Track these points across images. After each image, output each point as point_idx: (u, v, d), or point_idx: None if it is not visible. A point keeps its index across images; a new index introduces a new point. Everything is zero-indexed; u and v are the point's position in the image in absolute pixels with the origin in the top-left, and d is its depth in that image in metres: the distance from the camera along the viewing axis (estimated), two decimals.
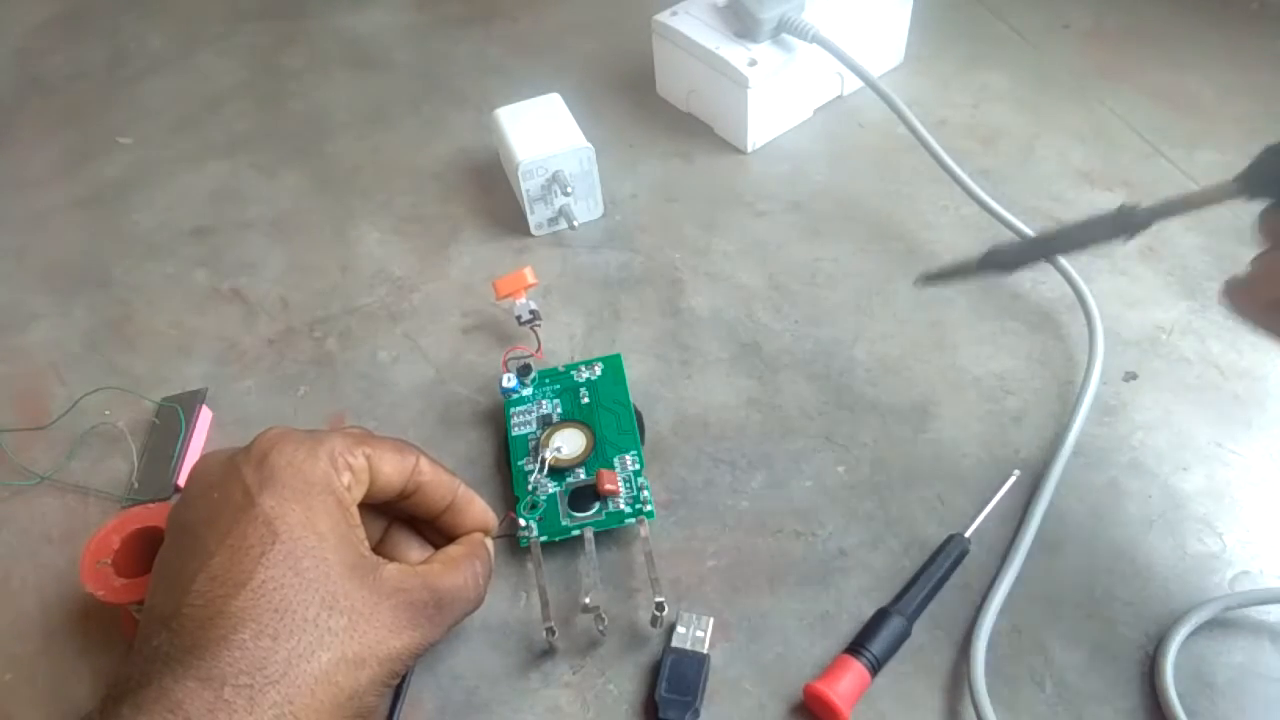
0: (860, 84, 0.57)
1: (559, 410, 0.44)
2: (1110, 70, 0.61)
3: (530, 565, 0.40)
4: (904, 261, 0.51)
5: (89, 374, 0.50)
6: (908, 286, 0.50)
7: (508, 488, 0.43)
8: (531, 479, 0.42)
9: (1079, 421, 0.42)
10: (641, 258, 0.53)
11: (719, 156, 0.58)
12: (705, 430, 0.45)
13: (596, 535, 0.40)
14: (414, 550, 0.38)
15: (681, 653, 0.37)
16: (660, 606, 0.37)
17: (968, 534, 0.39)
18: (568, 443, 0.43)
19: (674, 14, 0.58)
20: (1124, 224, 0.33)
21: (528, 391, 0.45)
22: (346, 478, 0.33)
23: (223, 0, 0.77)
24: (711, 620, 0.37)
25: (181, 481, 0.44)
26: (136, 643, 0.30)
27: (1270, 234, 0.31)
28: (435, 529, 0.38)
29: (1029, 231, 0.49)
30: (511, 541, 0.41)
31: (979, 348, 0.47)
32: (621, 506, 0.40)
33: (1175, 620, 0.36)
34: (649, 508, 0.40)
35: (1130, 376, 0.45)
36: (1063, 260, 0.48)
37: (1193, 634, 0.36)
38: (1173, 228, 0.51)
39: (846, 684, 0.35)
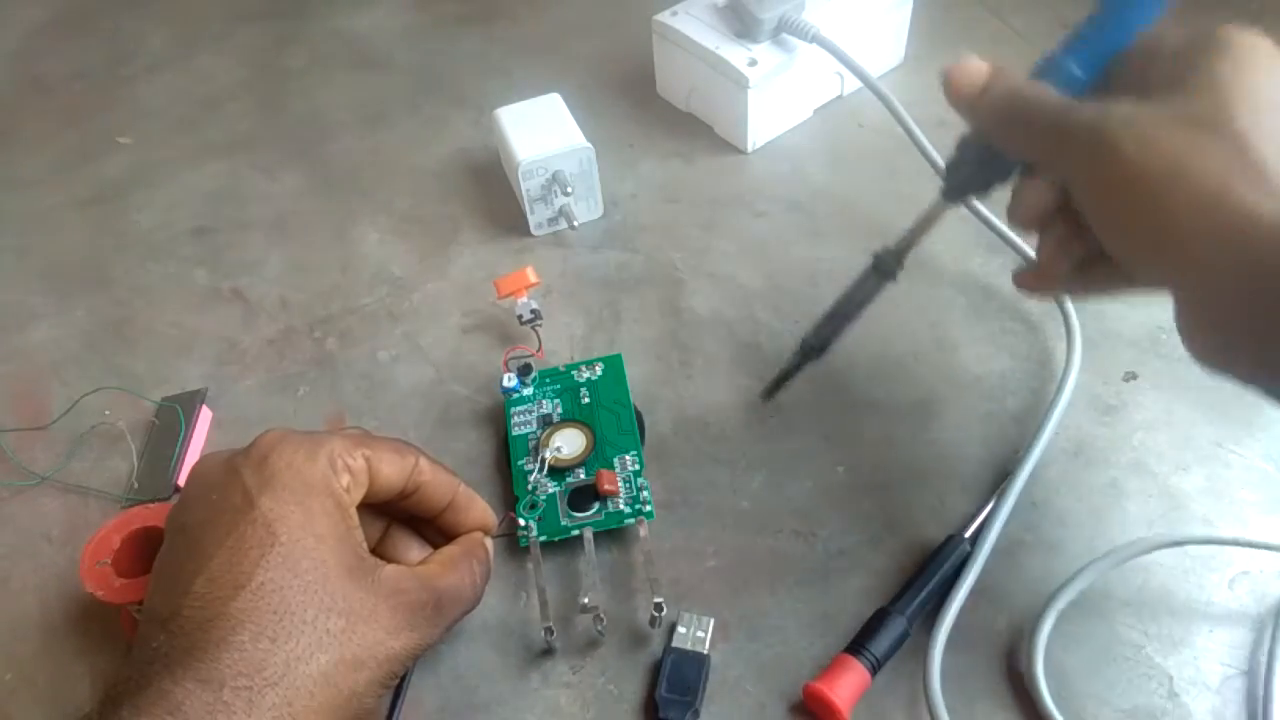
0: (860, 84, 0.57)
1: (559, 410, 0.44)
2: None
3: (530, 565, 0.40)
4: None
5: (89, 374, 0.50)
6: (908, 286, 0.49)
7: (508, 488, 0.43)
8: (531, 479, 0.42)
9: (1056, 415, 0.42)
10: (641, 258, 0.53)
11: (719, 156, 0.58)
12: (705, 430, 0.45)
13: (596, 535, 0.40)
14: (414, 550, 0.38)
15: (681, 653, 0.37)
16: (659, 607, 0.37)
17: (967, 534, 0.39)
18: (568, 443, 0.43)
19: (674, 14, 0.58)
20: (883, 270, 0.36)
21: (528, 391, 0.45)
22: (345, 479, 0.33)
23: (223, 0, 0.77)
24: (712, 620, 0.37)
25: (182, 481, 0.44)
26: (135, 644, 0.30)
27: (1025, 220, 0.32)
28: (435, 529, 0.38)
29: (1021, 242, 0.49)
30: (511, 541, 0.41)
31: (979, 348, 0.47)
32: (621, 506, 0.40)
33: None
34: (649, 508, 0.40)
35: (1130, 376, 0.45)
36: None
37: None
38: None
39: (846, 684, 0.35)
